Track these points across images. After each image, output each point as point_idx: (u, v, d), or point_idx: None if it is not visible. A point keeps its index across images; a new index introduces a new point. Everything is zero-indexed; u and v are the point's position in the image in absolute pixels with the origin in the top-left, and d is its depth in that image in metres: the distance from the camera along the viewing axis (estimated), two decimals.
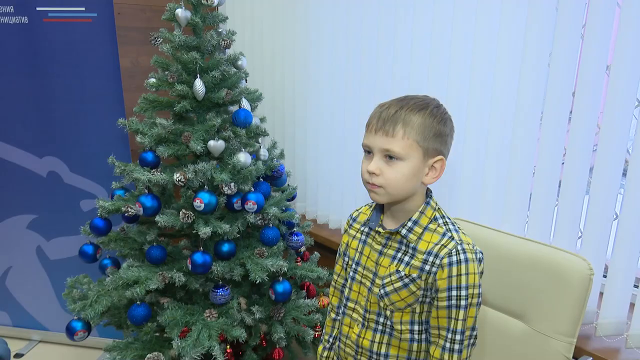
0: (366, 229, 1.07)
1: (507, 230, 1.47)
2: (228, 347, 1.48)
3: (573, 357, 1.30)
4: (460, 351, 0.94)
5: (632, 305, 1.34)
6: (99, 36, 1.89)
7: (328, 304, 1.54)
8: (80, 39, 1.89)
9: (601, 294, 1.42)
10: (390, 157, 0.93)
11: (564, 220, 1.43)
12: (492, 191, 1.56)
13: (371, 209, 1.08)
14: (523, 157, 1.47)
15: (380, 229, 1.01)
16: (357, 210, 1.14)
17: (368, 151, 0.97)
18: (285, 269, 1.50)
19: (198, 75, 1.49)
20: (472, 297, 0.93)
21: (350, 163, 2.02)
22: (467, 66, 1.53)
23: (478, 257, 0.95)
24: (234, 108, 1.64)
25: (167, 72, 1.56)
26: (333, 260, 1.86)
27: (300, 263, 1.76)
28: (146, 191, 1.50)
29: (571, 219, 1.42)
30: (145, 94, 1.56)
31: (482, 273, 0.96)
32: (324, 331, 1.21)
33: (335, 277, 1.18)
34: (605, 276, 1.40)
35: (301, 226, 1.77)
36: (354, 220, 1.12)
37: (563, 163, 1.43)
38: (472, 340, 0.96)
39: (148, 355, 1.40)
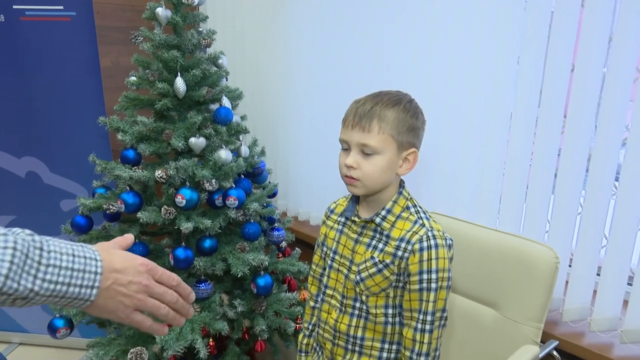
0: (342, 219, 1.12)
1: (480, 223, 1.54)
2: (211, 340, 1.51)
3: (541, 342, 1.37)
4: (431, 331, 1.00)
5: (595, 292, 1.42)
6: (79, 35, 1.90)
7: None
8: (59, 38, 1.90)
9: (567, 282, 1.49)
10: (366, 152, 0.98)
11: (532, 214, 1.50)
12: (466, 186, 1.62)
13: (347, 200, 1.12)
14: (495, 154, 1.54)
15: (356, 218, 1.06)
16: (335, 202, 1.19)
17: (345, 147, 1.02)
18: (267, 262, 1.54)
19: (179, 73, 1.51)
20: (442, 280, 0.99)
21: (331, 161, 2.06)
22: (443, 65, 1.59)
23: (448, 243, 1.01)
24: (215, 106, 1.67)
25: (147, 71, 1.58)
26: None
27: (281, 258, 1.80)
28: (128, 188, 1.52)
29: (539, 212, 1.49)
30: (126, 92, 1.58)
31: (451, 258, 1.02)
32: (303, 319, 1.25)
33: (313, 266, 1.23)
34: (570, 266, 1.47)
35: (282, 222, 1.81)
36: (332, 211, 1.17)
37: (532, 152, 1.49)
38: (442, 322, 1.01)
39: (131, 350, 1.42)
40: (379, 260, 1.01)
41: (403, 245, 1.00)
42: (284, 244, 1.81)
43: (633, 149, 1.26)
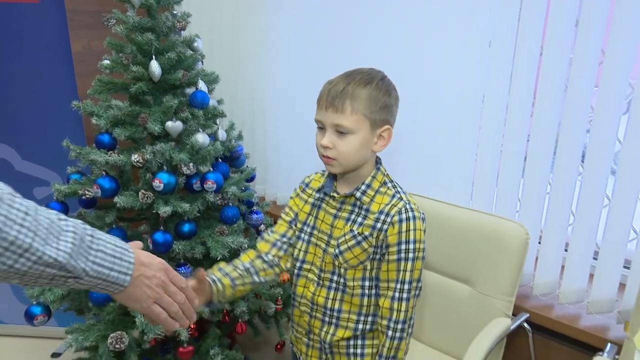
0: (320, 195, 1.13)
1: (454, 202, 1.58)
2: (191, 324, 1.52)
3: (512, 314, 1.43)
4: (408, 299, 1.04)
5: (562, 267, 1.48)
6: (48, 19, 1.85)
7: (287, 280, 1.60)
8: (29, 21, 1.85)
9: (536, 258, 1.55)
10: (341, 131, 0.99)
11: (504, 193, 1.55)
12: (440, 167, 1.66)
13: (324, 176, 1.14)
14: (468, 136, 1.58)
15: (335, 194, 1.08)
16: (309, 177, 1.20)
17: (320, 127, 1.04)
18: (246, 245, 1.55)
19: (154, 56, 1.50)
20: (419, 251, 1.03)
21: (308, 145, 2.07)
22: (415, 47, 1.61)
23: (422, 216, 1.05)
24: (190, 90, 1.66)
25: (121, 54, 1.56)
26: None
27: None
28: (104, 173, 1.51)
29: (510, 192, 1.54)
30: (100, 76, 1.56)
31: (425, 231, 1.05)
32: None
33: (276, 235, 1.17)
34: (540, 242, 1.53)
35: (260, 205, 1.82)
36: (307, 185, 1.19)
37: (503, 134, 1.54)
38: (417, 292, 1.05)
39: (111, 335, 1.42)
40: (358, 233, 1.04)
41: (382, 217, 1.03)
42: (262, 226, 1.83)
43: (597, 133, 1.32)
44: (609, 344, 1.30)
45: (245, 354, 1.80)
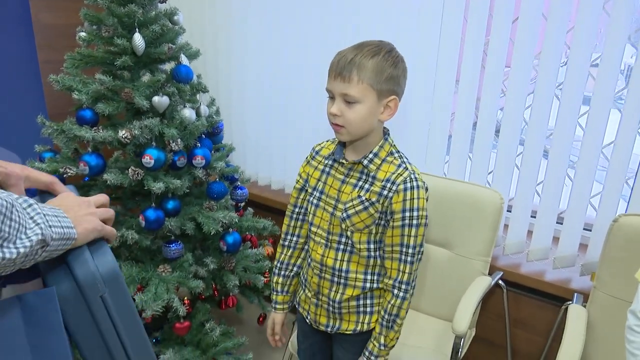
0: (330, 161, 1.19)
1: (429, 172, 1.69)
2: (185, 299, 1.53)
3: (488, 273, 1.57)
4: (412, 262, 1.12)
5: (530, 232, 1.65)
6: None
7: (271, 253, 1.64)
8: None
9: (506, 225, 1.70)
10: (348, 100, 1.05)
11: (476, 163, 1.68)
12: (416, 140, 1.76)
13: (334, 144, 1.20)
14: (442, 110, 1.68)
15: (344, 161, 1.14)
16: (320, 144, 1.25)
17: (331, 96, 1.08)
18: (236, 220, 1.57)
19: (137, 29, 1.45)
20: (422, 218, 1.11)
21: (276, 122, 2.10)
22: (396, 23, 1.68)
23: (425, 185, 1.13)
24: (166, 66, 1.62)
25: (95, 26, 1.50)
26: (265, 215, 1.96)
27: (240, 217, 1.83)
28: (83, 151, 1.46)
29: (482, 163, 1.67)
30: (79, 49, 1.48)
31: (427, 199, 1.14)
32: (278, 260, 1.30)
33: (290, 207, 1.27)
34: (509, 211, 1.68)
35: (242, 181, 1.83)
36: (317, 153, 1.24)
37: (476, 108, 1.66)
38: (420, 256, 1.14)
39: None
40: (366, 199, 1.10)
41: (388, 185, 1.09)
42: (242, 203, 1.84)
43: (564, 114, 1.47)
44: (575, 294, 1.47)
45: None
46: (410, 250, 1.12)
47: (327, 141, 1.24)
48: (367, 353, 1.18)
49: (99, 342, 0.70)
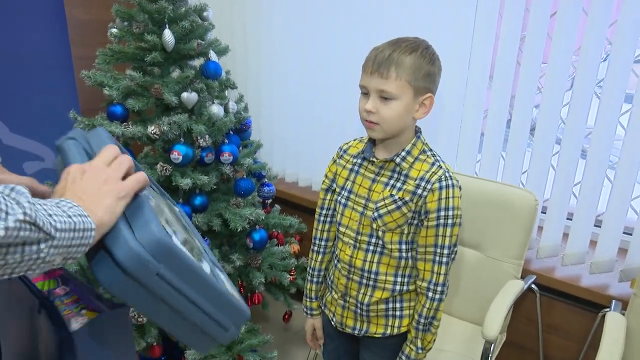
0: (359, 160, 1.16)
1: (460, 171, 1.64)
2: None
3: (520, 277, 1.52)
4: (447, 263, 1.09)
5: (565, 235, 1.58)
6: None
7: (298, 251, 1.63)
8: None
9: (540, 227, 1.64)
10: (384, 97, 1.02)
11: (510, 163, 1.62)
12: (449, 138, 1.71)
13: (363, 142, 1.17)
14: (475, 106, 1.63)
15: (374, 159, 1.12)
16: (347, 143, 1.23)
17: (365, 92, 1.06)
18: (263, 217, 1.56)
19: (167, 25, 1.45)
20: (457, 217, 1.08)
21: (304, 118, 2.08)
22: (428, 17, 1.64)
23: (459, 184, 1.10)
24: (195, 62, 1.62)
25: (126, 23, 1.51)
26: (292, 212, 1.95)
27: (266, 214, 1.82)
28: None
29: (516, 162, 1.61)
30: (110, 45, 1.50)
31: (461, 198, 1.11)
32: (310, 267, 1.30)
33: (319, 210, 1.25)
34: (544, 212, 1.63)
35: (269, 178, 1.82)
36: (345, 151, 1.21)
37: (511, 105, 1.61)
38: (454, 256, 1.11)
39: (131, 309, 1.41)
40: (399, 198, 1.08)
41: (422, 184, 1.07)
42: (269, 200, 1.83)
43: (604, 112, 1.40)
44: (613, 301, 1.41)
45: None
46: (445, 251, 1.09)
47: (354, 140, 1.22)
48: (403, 357, 1.16)
49: (170, 314, 0.63)
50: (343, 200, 1.17)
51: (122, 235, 0.56)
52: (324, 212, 1.24)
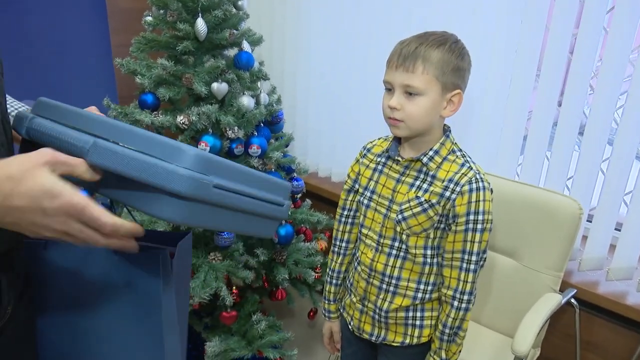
0: (383, 159, 1.11)
1: (500, 174, 1.55)
2: (234, 288, 1.52)
3: (559, 290, 1.42)
4: (475, 270, 1.03)
5: (612, 247, 1.47)
6: None
7: (325, 248, 1.59)
8: None
9: (584, 237, 1.53)
10: (410, 92, 0.96)
11: (554, 167, 1.52)
12: (488, 138, 1.62)
13: (388, 140, 1.12)
14: (518, 106, 1.53)
15: (400, 158, 1.06)
16: (371, 142, 1.17)
17: (389, 88, 1.00)
18: (290, 212, 1.53)
19: (200, 14, 1.44)
20: (487, 222, 1.01)
21: (339, 112, 2.03)
22: (469, 10, 1.55)
23: (490, 187, 1.03)
24: (231, 51, 1.60)
25: (161, 11, 1.50)
26: (323, 208, 1.91)
27: (295, 209, 1.79)
28: None
29: (561, 166, 1.50)
30: (144, 33, 1.50)
31: (492, 201, 1.03)
32: (329, 268, 1.25)
33: (340, 210, 1.20)
34: (589, 221, 1.51)
35: (299, 172, 1.79)
36: (368, 150, 1.16)
37: (560, 104, 1.49)
38: (482, 262, 1.04)
39: None
40: (425, 200, 1.02)
41: (451, 186, 1.00)
42: (299, 194, 1.80)
43: None
44: None
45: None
46: (473, 258, 1.02)
47: (379, 139, 1.16)
48: None
49: (234, 215, 0.66)
50: (365, 201, 1.11)
51: (168, 169, 0.56)
52: (345, 212, 1.19)
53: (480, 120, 1.62)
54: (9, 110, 0.69)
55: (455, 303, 1.04)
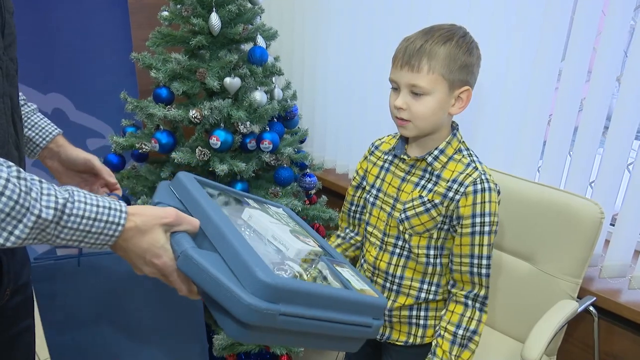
0: (390, 157, 1.09)
1: (518, 175, 1.49)
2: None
3: (577, 297, 1.36)
4: (487, 274, 1.00)
5: (637, 252, 1.39)
6: None
7: None
8: None
9: (607, 241, 1.46)
10: (416, 92, 0.94)
11: (576, 168, 1.45)
12: (507, 137, 1.57)
13: (396, 138, 1.10)
14: (540, 103, 1.47)
15: (405, 157, 1.04)
16: (380, 139, 1.16)
17: (395, 87, 0.98)
18: (300, 208, 1.52)
19: (214, 9, 1.44)
20: (493, 225, 0.98)
21: (358, 109, 2.00)
22: (490, 9, 1.50)
23: (497, 188, 1.00)
24: (246, 46, 1.60)
25: (179, 6, 1.51)
26: (340, 204, 1.89)
27: (309, 205, 1.78)
28: (161, 128, 1.49)
29: (583, 168, 1.44)
30: (159, 28, 1.51)
31: (499, 203, 1.00)
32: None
33: (346, 204, 1.21)
34: (612, 224, 1.44)
35: (313, 168, 1.78)
36: (376, 148, 1.14)
37: (580, 111, 1.43)
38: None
39: None
40: (428, 200, 0.99)
41: (455, 186, 0.98)
42: (312, 191, 1.79)
43: None
44: None
45: None
46: (483, 262, 0.99)
47: (387, 136, 1.14)
48: None
49: (308, 337, 0.68)
50: (372, 199, 1.10)
51: (233, 294, 0.58)
52: (353, 207, 1.19)
53: (499, 118, 1.56)
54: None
55: (470, 302, 1.01)
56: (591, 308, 1.39)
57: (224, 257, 0.62)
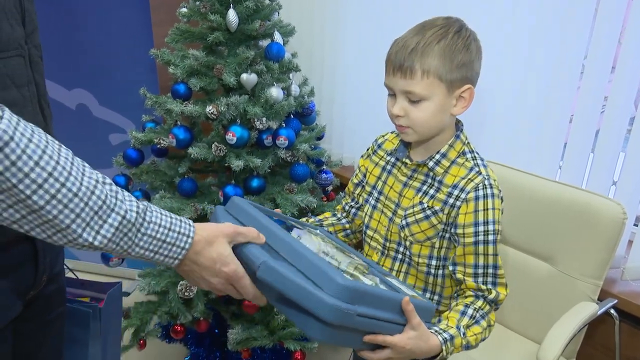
0: (392, 160, 1.04)
1: (539, 174, 1.46)
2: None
3: (598, 299, 1.33)
4: (495, 283, 0.93)
5: None
6: None
7: None
8: None
9: (630, 242, 1.42)
10: (412, 99, 0.89)
11: (598, 168, 1.41)
12: (527, 134, 1.53)
13: (398, 138, 1.05)
14: (562, 102, 1.44)
15: (407, 161, 0.99)
16: (383, 136, 1.11)
17: (391, 92, 0.94)
18: (315, 204, 1.52)
19: (231, 5, 1.45)
20: (497, 233, 0.92)
21: (376, 106, 1.98)
22: (510, 6, 1.47)
23: (501, 195, 0.94)
24: (264, 42, 1.60)
25: (198, 2, 1.53)
26: None
27: (326, 202, 1.77)
28: (179, 123, 1.51)
29: (606, 167, 1.40)
30: (178, 24, 1.53)
31: (502, 211, 0.95)
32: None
33: (347, 198, 1.16)
34: (636, 225, 1.40)
35: (330, 165, 1.77)
36: (379, 146, 1.09)
37: (602, 112, 1.39)
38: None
39: (181, 282, 1.45)
40: (428, 207, 0.95)
41: (456, 192, 0.93)
42: (330, 187, 1.78)
43: None
44: None
45: None
46: (490, 271, 0.93)
47: (391, 132, 1.09)
48: (439, 330, 0.86)
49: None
50: (372, 202, 1.06)
51: (317, 297, 0.65)
52: (352, 203, 1.15)
53: (520, 116, 1.53)
54: None
55: (481, 299, 0.93)
56: (612, 311, 1.35)
57: (298, 267, 0.69)
